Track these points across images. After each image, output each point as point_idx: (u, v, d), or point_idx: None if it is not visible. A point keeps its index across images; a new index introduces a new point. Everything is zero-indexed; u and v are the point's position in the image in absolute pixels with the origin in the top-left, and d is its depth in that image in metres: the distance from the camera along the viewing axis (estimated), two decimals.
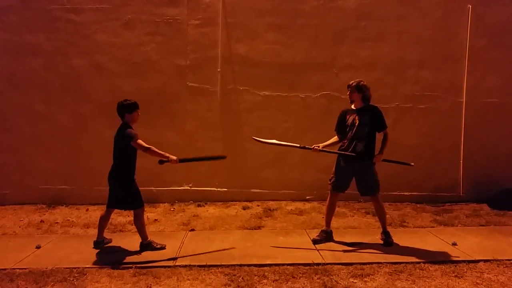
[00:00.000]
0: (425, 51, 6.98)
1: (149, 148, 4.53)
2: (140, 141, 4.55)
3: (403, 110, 7.02)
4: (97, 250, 4.73)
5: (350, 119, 4.92)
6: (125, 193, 4.65)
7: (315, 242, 4.90)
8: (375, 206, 5.01)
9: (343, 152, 4.88)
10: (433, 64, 6.99)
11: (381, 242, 4.89)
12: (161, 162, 4.58)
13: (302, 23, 6.96)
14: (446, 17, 6.95)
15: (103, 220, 4.86)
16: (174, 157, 4.54)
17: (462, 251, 4.61)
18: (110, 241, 4.99)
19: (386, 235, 4.92)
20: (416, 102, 7.02)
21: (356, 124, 4.84)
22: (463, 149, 7.04)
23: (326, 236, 4.97)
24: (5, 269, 4.17)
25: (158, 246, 4.73)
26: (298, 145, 5.07)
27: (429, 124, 7.04)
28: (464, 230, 5.45)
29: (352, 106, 4.99)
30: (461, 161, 7.04)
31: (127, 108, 4.67)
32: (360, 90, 4.86)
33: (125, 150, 4.62)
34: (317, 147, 4.96)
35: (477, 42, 6.93)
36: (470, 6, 6.88)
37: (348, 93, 4.98)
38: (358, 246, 4.81)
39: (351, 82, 4.94)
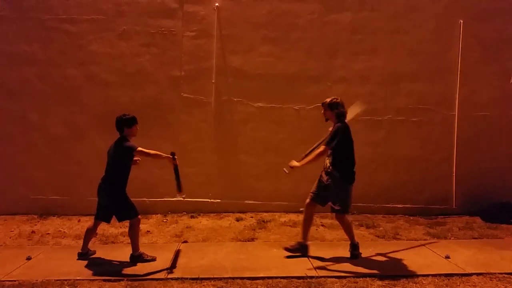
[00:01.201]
0: (418, 64, 7.06)
1: (154, 153, 4.66)
2: (142, 148, 4.59)
3: (396, 123, 7.07)
4: (88, 262, 4.67)
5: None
6: (117, 205, 4.63)
7: (286, 249, 4.87)
8: (341, 225, 4.92)
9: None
10: (426, 77, 7.06)
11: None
12: (173, 154, 4.78)
13: (297, 36, 7.02)
14: (439, 32, 7.05)
15: (90, 232, 4.85)
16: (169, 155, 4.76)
17: (455, 264, 4.62)
18: (94, 252, 4.93)
19: (353, 247, 4.86)
20: (409, 115, 7.08)
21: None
22: (455, 161, 7.09)
23: (300, 248, 4.90)
24: None
25: (149, 258, 4.69)
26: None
27: (422, 137, 7.09)
28: (457, 243, 5.46)
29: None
30: (454, 174, 7.08)
31: (126, 123, 4.69)
32: (332, 107, 4.83)
33: (122, 163, 4.64)
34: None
35: (469, 56, 7.02)
36: (462, 21, 6.98)
37: (322, 111, 4.95)
38: (351, 259, 4.79)
39: (324, 100, 4.91)
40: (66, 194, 6.87)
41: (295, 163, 4.76)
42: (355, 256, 4.80)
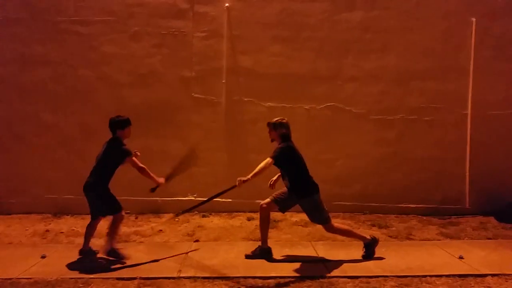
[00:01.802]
0: (430, 63, 7.00)
1: (143, 167, 4.67)
2: (135, 159, 4.66)
3: (408, 122, 7.02)
4: (102, 261, 4.72)
5: None
6: (104, 200, 4.73)
7: (247, 257, 4.80)
8: (336, 234, 4.95)
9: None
10: (438, 76, 7.00)
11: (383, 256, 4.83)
12: (152, 190, 4.79)
13: (307, 35, 7.01)
14: (451, 30, 6.99)
15: (90, 228, 4.93)
16: (161, 179, 4.77)
17: (469, 264, 4.57)
18: (96, 252, 4.94)
19: (366, 247, 4.83)
20: (421, 114, 7.02)
21: None
22: (469, 161, 7.02)
23: (261, 253, 4.83)
24: (10, 279, 4.18)
25: (120, 256, 4.71)
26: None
27: (434, 136, 7.03)
28: (470, 243, 5.41)
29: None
30: (467, 174, 7.01)
31: (119, 125, 4.77)
32: (276, 127, 4.83)
33: (114, 163, 4.70)
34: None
35: (482, 54, 6.94)
36: (474, 19, 6.91)
37: (268, 131, 4.93)
38: (363, 259, 4.77)
39: (271, 120, 4.90)
40: (80, 194, 6.78)
41: (243, 178, 4.69)
42: (369, 255, 4.78)
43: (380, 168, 7.03)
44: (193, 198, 7.03)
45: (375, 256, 4.80)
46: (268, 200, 4.87)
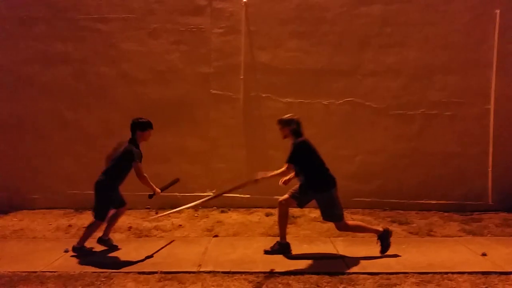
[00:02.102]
0: (451, 56, 6.87)
1: (144, 176, 4.74)
2: (140, 166, 4.72)
3: (429, 117, 6.91)
4: (124, 255, 4.79)
5: None
6: (101, 199, 4.83)
7: (266, 252, 4.80)
8: (349, 231, 4.87)
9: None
10: (460, 70, 6.87)
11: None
12: (150, 196, 4.86)
13: (325, 30, 6.95)
14: (474, 22, 6.83)
15: (112, 218, 5.04)
16: (158, 189, 4.84)
17: (492, 262, 4.48)
18: (90, 251, 4.97)
19: (381, 238, 4.75)
20: (443, 109, 6.91)
21: None
22: (491, 156, 6.87)
23: (280, 248, 4.82)
24: (35, 272, 4.28)
25: (88, 251, 4.81)
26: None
27: (456, 131, 6.91)
28: (494, 240, 5.30)
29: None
30: (490, 169, 6.87)
31: (140, 126, 4.85)
32: (287, 124, 4.83)
33: (123, 164, 4.78)
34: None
35: (506, 47, 6.77)
36: (498, 11, 6.74)
37: (279, 128, 4.91)
38: (383, 255, 4.72)
39: (282, 117, 4.90)
40: None
41: (261, 174, 4.69)
42: (386, 248, 4.71)
43: (400, 164, 6.94)
44: (211, 194, 7.07)
45: (396, 253, 4.73)
46: (286, 196, 4.85)
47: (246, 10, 6.96)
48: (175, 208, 6.77)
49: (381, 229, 4.81)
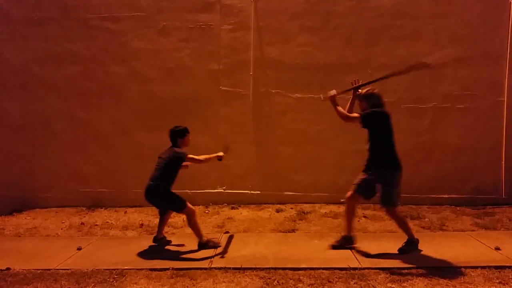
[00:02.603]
0: (463, 49, 6.77)
1: (203, 159, 4.95)
2: (192, 156, 4.87)
3: (441, 110, 6.83)
4: (136, 252, 4.82)
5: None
6: (169, 201, 4.88)
7: (333, 247, 4.78)
8: (392, 219, 4.76)
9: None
10: (472, 62, 6.77)
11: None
12: (220, 159, 5.15)
13: (335, 24, 6.91)
14: (486, 14, 6.73)
15: (162, 221, 5.15)
16: (220, 153, 5.13)
17: (506, 256, 4.42)
18: (170, 242, 5.16)
19: (407, 243, 4.65)
20: (455, 102, 6.82)
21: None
22: (505, 149, 6.78)
23: (345, 242, 4.81)
24: (49, 269, 4.34)
25: (215, 245, 4.91)
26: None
27: (468, 124, 6.82)
28: (508, 234, 5.23)
29: None
30: (503, 162, 6.78)
31: (179, 134, 5.00)
32: (367, 99, 4.72)
33: (174, 168, 4.88)
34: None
35: None
36: None
37: (358, 103, 4.81)
38: (395, 250, 4.68)
39: (359, 91, 4.79)
40: (113, 187, 7.12)
41: (333, 91, 4.76)
42: (404, 251, 4.61)
43: (411, 158, 6.85)
44: (222, 190, 7.10)
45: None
46: (350, 192, 4.75)
47: (255, 5, 6.94)
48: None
49: (416, 237, 4.70)
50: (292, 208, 6.72)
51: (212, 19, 7.01)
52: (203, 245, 4.87)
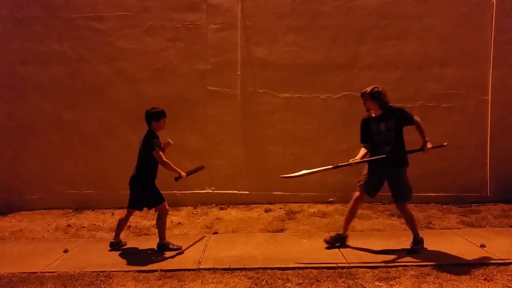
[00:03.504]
0: (448, 48, 6.85)
1: (166, 162, 4.74)
2: (161, 153, 4.72)
3: (427, 109, 6.89)
4: (122, 254, 4.80)
5: (374, 127, 4.73)
6: (148, 194, 4.81)
7: (327, 242, 4.85)
8: (403, 214, 4.80)
9: (377, 157, 4.65)
10: (457, 61, 6.85)
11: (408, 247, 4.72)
12: (176, 179, 4.80)
13: (322, 24, 6.93)
14: (470, 13, 6.81)
15: (122, 222, 5.04)
16: (184, 173, 4.81)
17: (491, 253, 4.49)
18: (125, 244, 5.08)
19: (415, 242, 4.69)
20: (440, 101, 6.90)
21: (383, 130, 4.67)
22: (489, 148, 6.88)
23: (339, 240, 4.86)
24: (35, 273, 4.28)
25: (174, 247, 4.84)
26: (332, 166, 4.74)
27: (454, 123, 6.90)
28: (492, 232, 5.31)
29: (372, 114, 4.76)
30: (488, 160, 6.88)
31: (154, 116, 4.84)
32: (374, 97, 4.66)
33: (149, 156, 4.76)
34: (354, 161, 4.68)
35: (503, 37, 6.76)
36: (495, 1, 6.72)
37: (362, 102, 4.77)
38: (383, 248, 4.72)
39: (364, 90, 4.72)
40: (100, 189, 7.06)
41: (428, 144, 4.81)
42: (414, 251, 4.61)
43: None
44: (210, 191, 7.09)
45: (395, 246, 4.75)
46: (357, 192, 4.84)
47: (242, 5, 6.93)
48: (174, 206, 6.83)
49: (420, 236, 4.75)
50: (280, 208, 6.73)
51: (199, 18, 6.99)
52: (162, 246, 4.83)
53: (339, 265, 4.26)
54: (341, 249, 4.73)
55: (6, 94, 7.09)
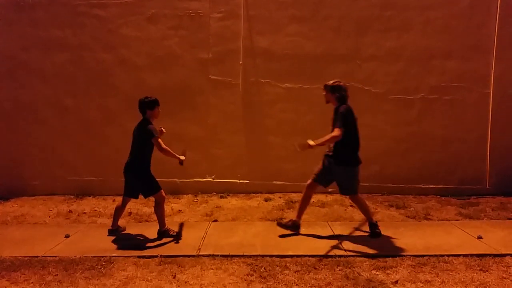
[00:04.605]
0: (451, 41, 6.83)
1: (165, 149, 4.77)
2: (160, 140, 4.75)
3: (429, 102, 6.90)
4: (123, 240, 4.86)
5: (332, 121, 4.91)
6: (142, 182, 4.84)
7: (279, 224, 5.07)
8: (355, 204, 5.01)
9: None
10: (459, 54, 6.83)
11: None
12: (181, 163, 4.87)
13: (325, 14, 6.91)
14: (474, 6, 6.78)
15: (119, 209, 5.08)
16: (182, 157, 4.88)
17: (488, 244, 4.54)
18: (124, 229, 5.16)
19: (372, 226, 4.88)
20: (442, 93, 6.89)
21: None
22: (490, 141, 6.89)
23: (293, 226, 5.02)
24: (37, 257, 4.35)
25: (174, 234, 4.91)
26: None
27: (455, 115, 6.91)
28: (490, 224, 5.35)
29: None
30: (488, 153, 6.90)
31: (148, 105, 4.86)
32: (334, 90, 4.81)
33: (145, 144, 4.80)
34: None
35: (506, 31, 6.73)
36: None
37: (323, 93, 4.93)
38: (380, 238, 4.77)
39: (327, 82, 4.90)
40: (101, 175, 7.10)
41: (311, 142, 4.64)
42: (376, 234, 4.81)
43: (399, 149, 6.96)
44: (211, 180, 7.13)
45: (393, 236, 4.81)
46: (309, 180, 5.01)
47: None
48: (175, 194, 6.88)
49: (374, 220, 4.94)
50: (280, 197, 6.77)
51: (202, 7, 6.96)
52: (163, 233, 4.89)
53: (336, 253, 4.31)
54: (340, 239, 4.77)
55: (8, 81, 7.10)
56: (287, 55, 6.95)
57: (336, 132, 4.63)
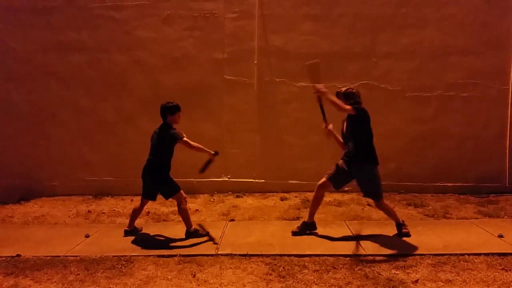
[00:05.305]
0: (468, 37, 6.75)
1: (196, 146, 4.82)
2: (186, 139, 4.79)
3: (446, 99, 6.83)
4: (142, 239, 4.90)
5: (344, 124, 4.91)
6: (163, 185, 4.89)
7: (294, 233, 4.92)
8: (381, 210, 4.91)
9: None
10: (477, 50, 6.75)
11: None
12: (216, 153, 4.91)
13: (339, 12, 6.88)
14: (490, 1, 6.69)
15: (137, 211, 5.12)
16: (212, 151, 4.89)
17: (509, 243, 4.47)
18: (141, 230, 5.19)
19: (399, 227, 4.81)
20: (459, 90, 6.82)
21: (344, 130, 4.86)
22: (509, 138, 6.79)
23: (306, 228, 4.95)
24: (58, 256, 4.41)
25: (204, 233, 4.94)
26: None
27: (473, 112, 6.82)
28: (511, 222, 5.27)
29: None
30: (507, 151, 6.81)
31: (169, 110, 4.89)
32: (347, 97, 4.74)
33: (167, 148, 4.85)
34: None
35: None
36: None
37: None
38: (399, 238, 4.74)
39: (340, 89, 4.87)
40: (119, 176, 7.19)
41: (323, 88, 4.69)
42: (404, 234, 4.74)
43: (416, 147, 6.90)
44: (227, 179, 7.16)
45: (411, 235, 4.76)
46: (323, 179, 4.92)
47: None
48: (191, 193, 6.91)
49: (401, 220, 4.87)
50: (296, 197, 6.77)
51: (216, 7, 6.99)
52: (191, 234, 4.90)
53: (355, 253, 4.29)
54: (358, 238, 4.75)
55: (26, 83, 7.23)
56: (301, 54, 6.93)
57: (348, 106, 4.60)
